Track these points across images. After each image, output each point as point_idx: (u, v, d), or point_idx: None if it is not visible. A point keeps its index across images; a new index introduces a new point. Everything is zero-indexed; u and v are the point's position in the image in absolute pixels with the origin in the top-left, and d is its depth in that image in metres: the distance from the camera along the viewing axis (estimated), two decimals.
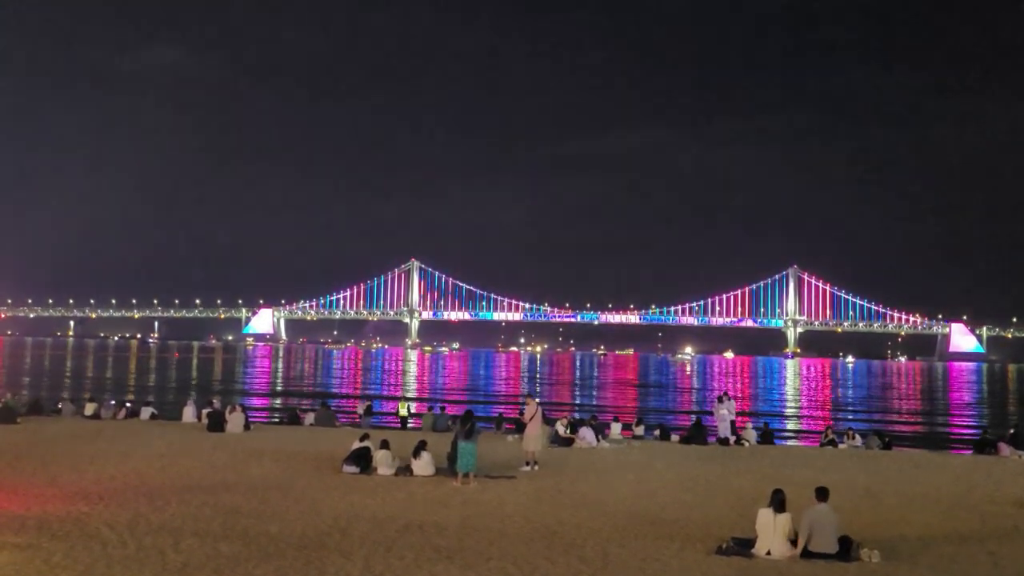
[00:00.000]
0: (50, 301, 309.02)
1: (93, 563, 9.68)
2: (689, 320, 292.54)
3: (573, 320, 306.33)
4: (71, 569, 9.40)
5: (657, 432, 29.46)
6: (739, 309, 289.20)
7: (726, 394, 29.19)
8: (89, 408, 29.97)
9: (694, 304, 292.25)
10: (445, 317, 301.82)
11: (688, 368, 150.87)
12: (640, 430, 29.81)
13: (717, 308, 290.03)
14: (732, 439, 26.07)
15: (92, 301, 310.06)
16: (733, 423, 27.18)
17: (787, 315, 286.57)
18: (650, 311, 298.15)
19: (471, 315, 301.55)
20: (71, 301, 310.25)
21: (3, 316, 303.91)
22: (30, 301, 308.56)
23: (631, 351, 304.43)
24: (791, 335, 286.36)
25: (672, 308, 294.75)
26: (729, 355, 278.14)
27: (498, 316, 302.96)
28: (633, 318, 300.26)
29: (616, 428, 28.23)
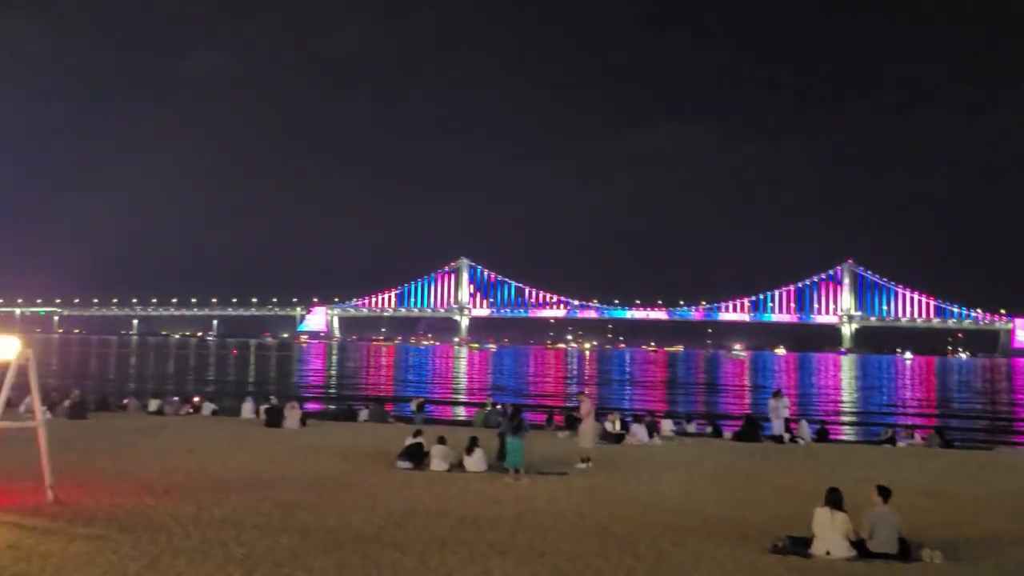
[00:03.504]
0: (114, 301, 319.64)
1: (160, 554, 10.01)
2: (740, 316, 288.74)
3: (622, 316, 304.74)
4: (139, 560, 9.73)
5: (709, 429, 29.24)
6: (792, 305, 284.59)
7: (779, 391, 28.83)
8: (153, 404, 30.83)
9: (745, 300, 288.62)
10: (493, 314, 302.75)
11: (742, 361, 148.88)
12: (692, 427, 29.61)
13: (769, 304, 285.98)
14: (786, 436, 25.75)
15: (154, 300, 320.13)
16: (787, 420, 26.84)
17: (842, 311, 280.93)
18: (700, 306, 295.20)
19: (519, 312, 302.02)
20: (134, 300, 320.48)
21: (66, 314, 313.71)
22: (96, 301, 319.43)
23: (680, 347, 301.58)
24: (846, 331, 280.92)
25: (722, 304, 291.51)
26: (781, 351, 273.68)
27: (546, 313, 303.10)
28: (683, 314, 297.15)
29: (667, 425, 28.08)
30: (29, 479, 13.15)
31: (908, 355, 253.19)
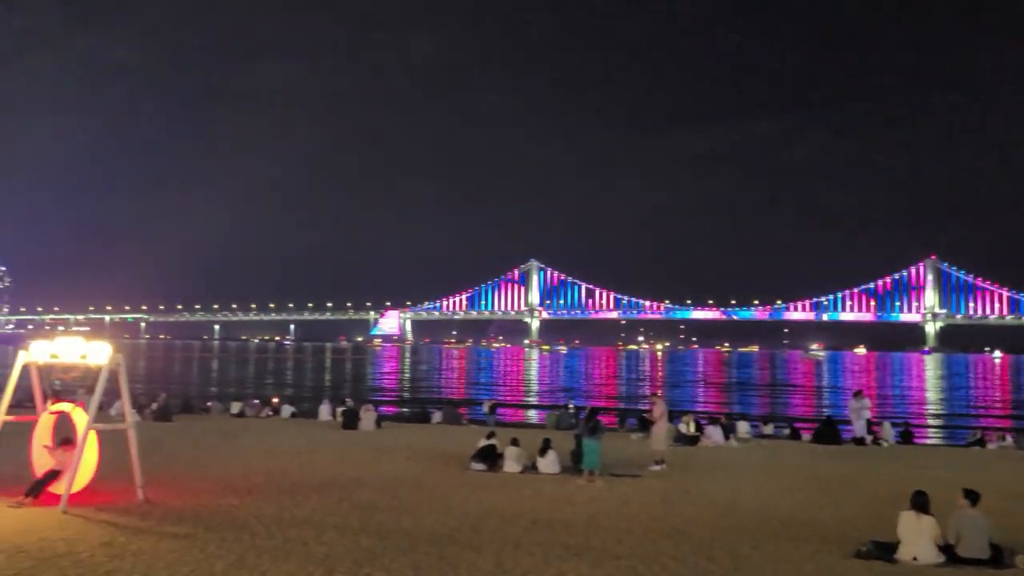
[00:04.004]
0: (197, 307, 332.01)
1: (244, 553, 10.31)
2: (807, 315, 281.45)
3: (694, 317, 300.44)
4: (225, 559, 10.04)
5: (787, 430, 28.62)
6: (871, 303, 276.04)
7: (860, 391, 28.03)
8: (235, 407, 31.78)
9: (823, 298, 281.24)
10: (551, 315, 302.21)
11: (820, 361, 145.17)
12: (769, 428, 29.03)
13: (848, 303, 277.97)
14: (868, 438, 25.01)
15: (234, 306, 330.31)
16: (869, 421, 26.07)
17: (925, 308, 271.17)
18: (775, 306, 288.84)
19: (591, 313, 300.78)
20: (215, 307, 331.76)
21: (152, 320, 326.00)
22: (180, 307, 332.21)
23: (755, 348, 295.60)
24: (930, 329, 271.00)
25: (799, 303, 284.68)
26: (861, 351, 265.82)
27: (618, 314, 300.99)
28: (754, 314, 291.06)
29: (743, 426, 27.60)
30: (120, 479, 13.71)
31: (998, 354, 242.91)
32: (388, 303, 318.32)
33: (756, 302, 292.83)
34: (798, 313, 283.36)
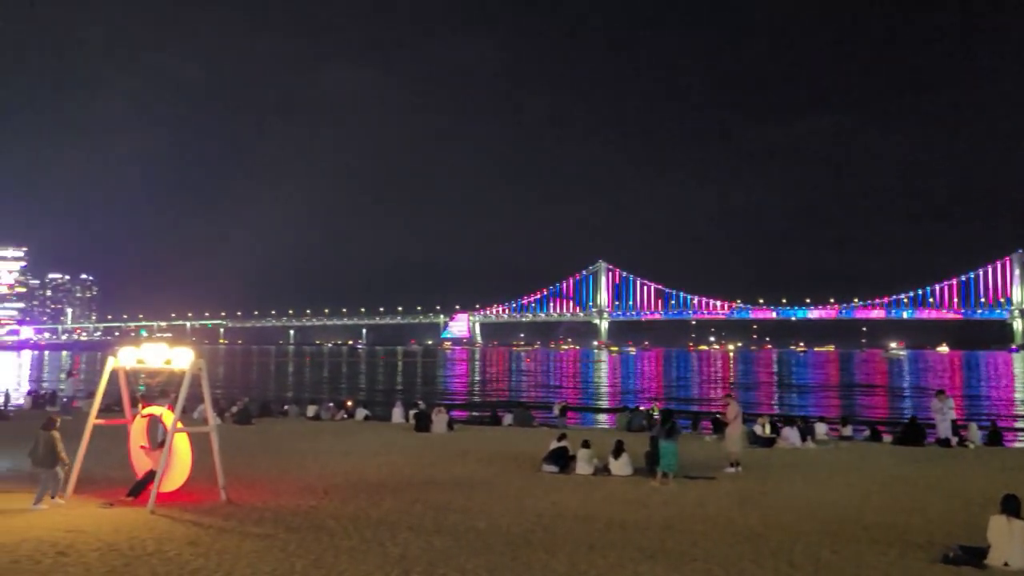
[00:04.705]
0: (273, 313, 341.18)
1: (323, 553, 10.54)
2: (878, 314, 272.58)
3: (768, 316, 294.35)
4: (304, 558, 10.28)
5: (867, 432, 27.79)
6: (954, 300, 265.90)
7: (943, 391, 27.06)
8: (311, 410, 32.48)
9: (902, 296, 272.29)
10: (633, 317, 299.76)
11: (901, 360, 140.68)
12: (848, 430, 28.19)
13: (929, 299, 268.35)
14: (954, 440, 24.11)
15: (308, 311, 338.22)
16: (954, 422, 25.13)
17: (1014, 304, 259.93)
18: (852, 304, 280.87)
19: (660, 314, 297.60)
20: (290, 312, 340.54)
21: (230, 326, 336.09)
22: (256, 313, 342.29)
23: (832, 347, 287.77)
24: (1018, 327, 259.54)
25: (876, 300, 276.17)
26: (943, 350, 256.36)
27: (688, 315, 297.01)
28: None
29: (821, 428, 26.90)
30: (204, 480, 14.17)
31: None
32: (457, 306, 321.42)
33: (832, 300, 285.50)
34: (872, 311, 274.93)
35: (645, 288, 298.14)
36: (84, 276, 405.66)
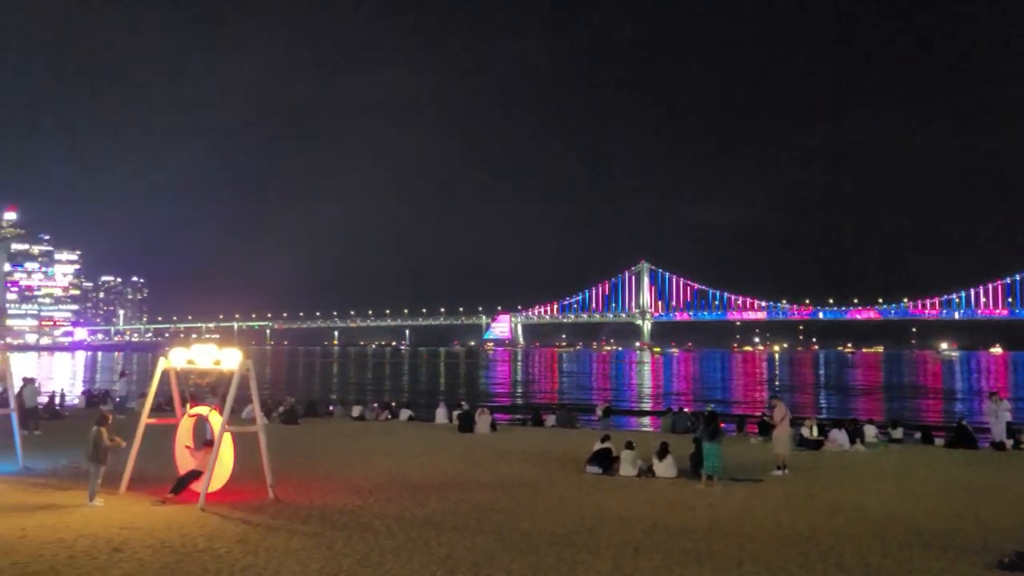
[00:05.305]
0: (317, 314, 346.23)
1: (368, 552, 10.65)
2: (949, 313, 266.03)
3: (814, 317, 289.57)
4: (350, 556, 10.40)
5: (918, 435, 27.21)
6: (1008, 299, 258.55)
7: (996, 393, 26.40)
8: (355, 410, 32.80)
9: (953, 296, 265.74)
10: (676, 318, 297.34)
11: (952, 362, 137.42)
12: (898, 432, 27.61)
13: (982, 299, 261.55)
14: (1008, 442, 23.49)
15: (352, 313, 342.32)
16: (1010, 425, 24.49)
17: None
18: (901, 304, 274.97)
19: (704, 315, 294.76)
20: (335, 314, 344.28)
21: (276, 327, 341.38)
22: (301, 315, 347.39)
23: (880, 348, 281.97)
24: None
25: (926, 300, 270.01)
26: (997, 351, 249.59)
27: (732, 315, 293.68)
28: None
29: (871, 431, 26.38)
30: (252, 478, 14.41)
31: None
32: (500, 307, 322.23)
33: (880, 299, 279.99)
34: (927, 312, 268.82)
35: (689, 288, 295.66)
36: (135, 279, 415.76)
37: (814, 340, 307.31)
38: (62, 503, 13.35)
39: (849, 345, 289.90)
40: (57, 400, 33.10)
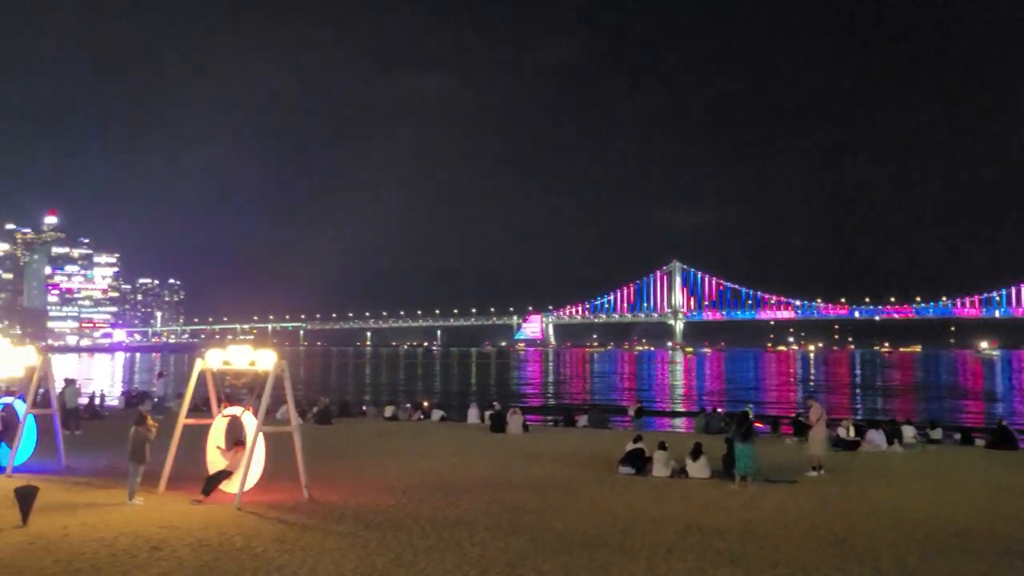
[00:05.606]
0: (350, 315, 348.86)
1: (402, 551, 10.73)
2: (989, 312, 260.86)
3: (849, 316, 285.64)
4: (384, 555, 10.48)
5: (957, 436, 26.76)
6: None
7: None
8: (388, 410, 33.01)
9: (993, 294, 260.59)
10: (708, 317, 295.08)
11: (993, 361, 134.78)
12: (937, 433, 27.17)
13: (1023, 297, 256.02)
14: None
15: (384, 313, 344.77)
16: None
17: None
18: (939, 302, 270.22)
19: (736, 314, 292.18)
20: (367, 315, 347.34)
21: (310, 328, 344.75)
22: (334, 316, 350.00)
23: (917, 348, 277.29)
24: None
25: (965, 299, 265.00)
26: None
27: (765, 315, 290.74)
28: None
29: (909, 431, 25.98)
30: (287, 478, 14.57)
31: None
32: (531, 308, 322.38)
33: (917, 298, 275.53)
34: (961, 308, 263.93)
35: (721, 288, 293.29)
36: (172, 281, 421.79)
37: (849, 340, 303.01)
38: (102, 502, 13.60)
39: (886, 345, 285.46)
40: (97, 401, 33.71)
